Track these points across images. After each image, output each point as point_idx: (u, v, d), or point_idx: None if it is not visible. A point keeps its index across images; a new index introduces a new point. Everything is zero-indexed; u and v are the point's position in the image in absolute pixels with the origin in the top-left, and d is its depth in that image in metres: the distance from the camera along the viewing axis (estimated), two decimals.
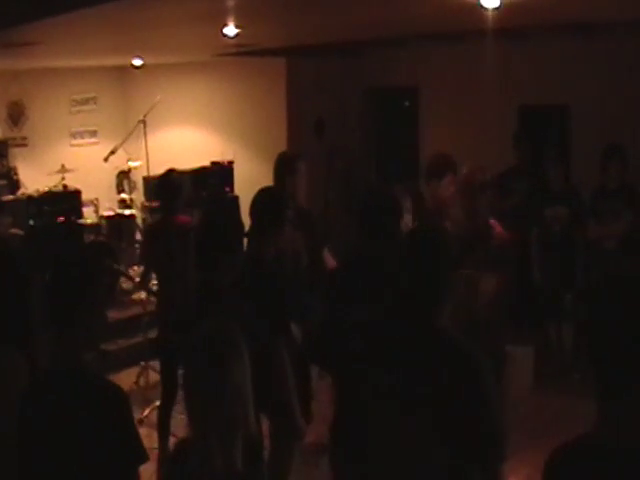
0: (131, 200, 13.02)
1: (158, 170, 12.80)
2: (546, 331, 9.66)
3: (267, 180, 7.18)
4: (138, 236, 12.80)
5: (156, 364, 9.31)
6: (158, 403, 8.15)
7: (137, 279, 9.83)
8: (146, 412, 8.52)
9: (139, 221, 13.02)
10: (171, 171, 8.48)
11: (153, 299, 8.93)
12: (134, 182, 13.36)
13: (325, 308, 5.67)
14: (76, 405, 3.43)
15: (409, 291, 3.78)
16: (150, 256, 8.30)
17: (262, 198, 6.17)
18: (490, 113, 11.20)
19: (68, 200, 12.17)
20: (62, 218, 11.72)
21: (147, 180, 12.94)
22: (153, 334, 9.48)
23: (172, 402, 7.55)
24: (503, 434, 3.61)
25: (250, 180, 12.82)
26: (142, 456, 3.53)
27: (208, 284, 5.53)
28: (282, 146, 12.77)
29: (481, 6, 7.14)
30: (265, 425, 5.86)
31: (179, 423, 7.07)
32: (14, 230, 11.13)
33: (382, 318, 4.00)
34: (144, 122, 12.32)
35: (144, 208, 12.95)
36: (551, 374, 9.23)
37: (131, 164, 13.13)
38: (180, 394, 6.69)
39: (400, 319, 3.80)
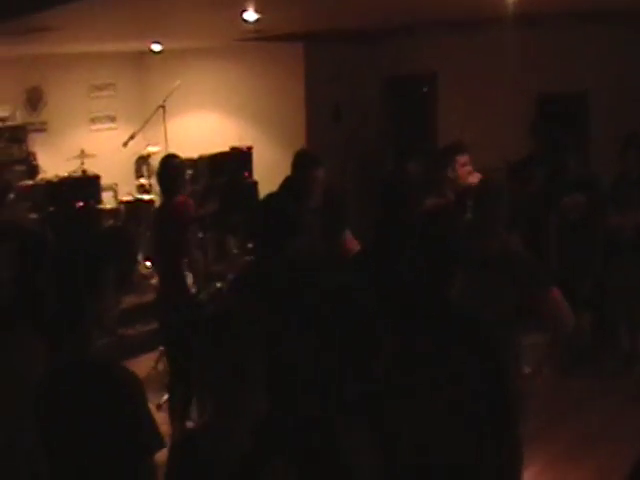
0: (150, 185, 13.03)
1: None
2: None
3: (286, 165, 7.13)
4: None
5: None
6: None
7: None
8: (165, 397, 8.49)
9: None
10: (171, 156, 8.35)
11: None
12: (153, 167, 13.36)
13: None
14: (91, 391, 3.44)
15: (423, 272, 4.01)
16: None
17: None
18: (508, 100, 11.17)
19: (87, 185, 12.20)
20: (81, 203, 11.75)
21: None
22: None
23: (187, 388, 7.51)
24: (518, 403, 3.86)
25: (269, 165, 12.83)
26: (158, 443, 3.53)
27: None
28: (301, 132, 12.79)
29: None
30: None
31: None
32: (33, 215, 11.18)
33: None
34: (163, 107, 12.34)
35: None
36: (568, 362, 9.21)
37: (150, 149, 13.16)
38: None
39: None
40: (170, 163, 7.94)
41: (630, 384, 8.84)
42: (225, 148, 13.45)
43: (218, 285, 8.74)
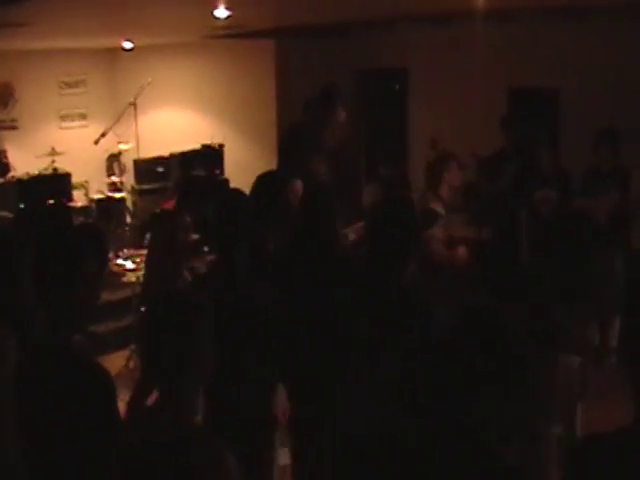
0: (121, 183, 13.02)
1: (148, 153, 12.85)
2: None
3: (257, 162, 7.17)
4: (128, 219, 12.81)
5: None
6: None
7: None
8: None
9: (129, 204, 13.02)
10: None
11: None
12: (124, 165, 13.35)
13: None
14: (61, 385, 3.44)
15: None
16: None
17: (259, 183, 5.95)
18: (479, 95, 11.20)
19: (58, 183, 12.17)
20: (52, 201, 11.71)
21: (137, 163, 12.94)
22: None
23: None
24: None
25: (240, 163, 12.83)
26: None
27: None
28: (272, 129, 12.78)
29: None
30: None
31: None
32: (3, 213, 11.13)
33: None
34: (134, 105, 12.30)
35: (134, 191, 12.96)
36: None
37: (121, 147, 13.12)
38: None
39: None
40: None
41: (600, 378, 8.88)
42: (196, 145, 13.43)
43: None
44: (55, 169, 12.21)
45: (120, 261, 11.35)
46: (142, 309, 8.32)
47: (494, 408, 2.85)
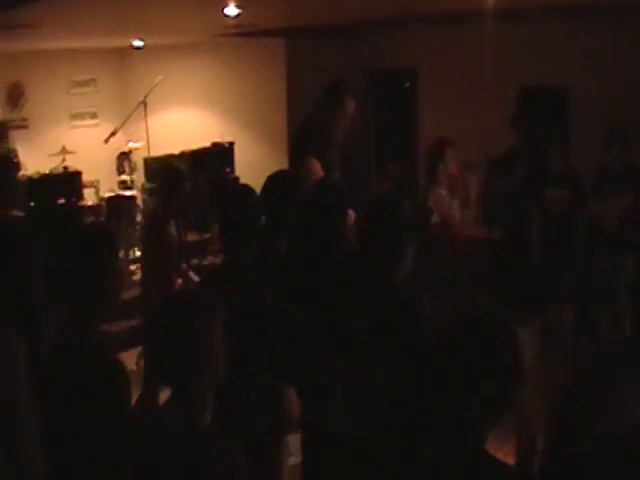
0: (132, 181, 13.04)
1: (159, 151, 12.86)
2: (546, 313, 9.64)
3: (267, 161, 7.17)
4: (139, 217, 12.82)
5: None
6: None
7: None
8: None
9: (140, 202, 13.03)
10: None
11: None
12: (135, 163, 13.37)
13: None
14: (77, 378, 3.45)
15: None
16: None
17: (270, 183, 5.68)
18: (490, 95, 11.17)
19: (68, 182, 12.18)
20: (63, 200, 11.72)
21: (148, 161, 12.95)
22: None
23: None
24: None
25: (250, 161, 12.84)
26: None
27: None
28: (283, 128, 12.78)
29: None
30: None
31: None
32: (14, 212, 11.13)
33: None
34: (144, 103, 12.31)
35: (145, 189, 12.96)
36: (551, 356, 9.22)
37: (132, 145, 13.15)
38: None
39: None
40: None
41: None
42: (206, 144, 13.44)
43: (196, 279, 8.73)
44: (66, 168, 12.23)
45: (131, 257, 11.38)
46: (145, 313, 8.31)
47: (493, 408, 2.86)
